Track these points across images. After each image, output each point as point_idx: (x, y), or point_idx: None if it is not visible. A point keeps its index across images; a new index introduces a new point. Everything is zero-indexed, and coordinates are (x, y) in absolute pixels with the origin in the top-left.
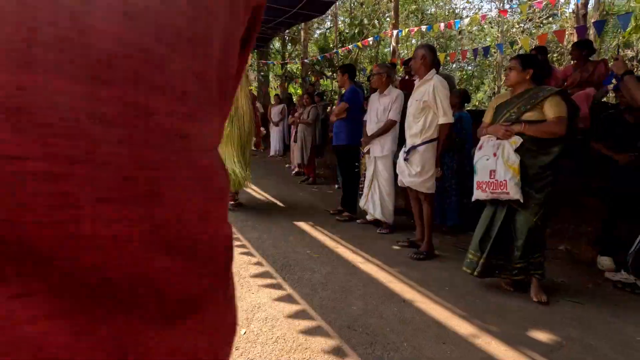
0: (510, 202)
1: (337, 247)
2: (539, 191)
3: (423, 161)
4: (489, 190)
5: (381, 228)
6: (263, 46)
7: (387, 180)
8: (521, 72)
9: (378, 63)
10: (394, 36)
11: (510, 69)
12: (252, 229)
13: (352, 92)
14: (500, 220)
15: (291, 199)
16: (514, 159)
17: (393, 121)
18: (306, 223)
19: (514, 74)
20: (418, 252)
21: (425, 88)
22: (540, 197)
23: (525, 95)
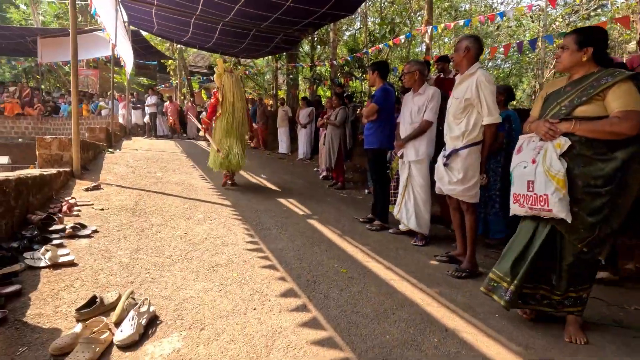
0: (555, 221)
1: (367, 261)
2: (592, 213)
3: (466, 167)
4: (527, 205)
5: (416, 239)
6: (291, 49)
7: (422, 187)
8: (576, 52)
9: (410, 60)
10: (428, 33)
11: (562, 48)
12: (276, 238)
13: (384, 91)
14: (541, 240)
15: (318, 205)
16: (558, 168)
17: (429, 122)
18: (334, 232)
19: (566, 55)
20: (459, 270)
21: (467, 84)
22: (592, 221)
23: (583, 82)
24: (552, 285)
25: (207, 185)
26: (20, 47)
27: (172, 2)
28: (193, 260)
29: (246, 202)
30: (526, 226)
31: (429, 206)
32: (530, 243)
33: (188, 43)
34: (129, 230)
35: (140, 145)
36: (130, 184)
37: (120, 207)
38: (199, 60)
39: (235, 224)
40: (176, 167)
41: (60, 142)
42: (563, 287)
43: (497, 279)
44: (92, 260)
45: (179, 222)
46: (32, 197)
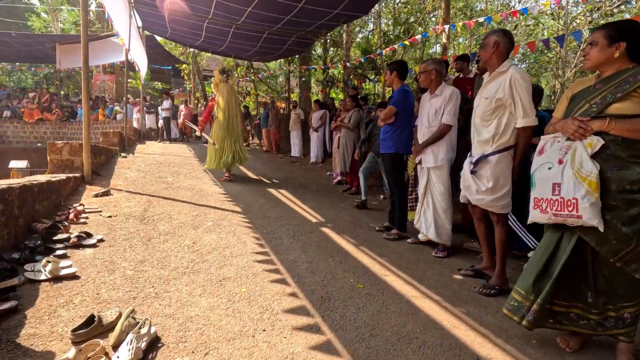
0: (582, 231)
1: (385, 275)
2: (628, 223)
3: (496, 174)
4: (551, 211)
5: (437, 250)
6: (304, 51)
7: (442, 195)
8: (607, 48)
9: (427, 59)
10: (445, 32)
11: (591, 44)
12: (288, 248)
13: (402, 93)
14: (567, 252)
15: (332, 211)
16: (590, 169)
17: (447, 126)
18: (349, 242)
19: (595, 52)
20: (488, 287)
21: (499, 83)
22: (627, 232)
23: (617, 78)
24: (588, 302)
25: (218, 191)
26: (40, 54)
27: (185, 6)
28: (200, 273)
29: (257, 208)
30: (549, 236)
31: (449, 215)
32: (554, 255)
33: (201, 47)
34: (135, 239)
35: (153, 149)
36: (141, 189)
37: (129, 214)
38: (212, 64)
39: (245, 233)
40: (187, 172)
41: (71, 147)
42: (600, 305)
43: (519, 297)
44: (95, 272)
45: (188, 230)
46: (38, 205)
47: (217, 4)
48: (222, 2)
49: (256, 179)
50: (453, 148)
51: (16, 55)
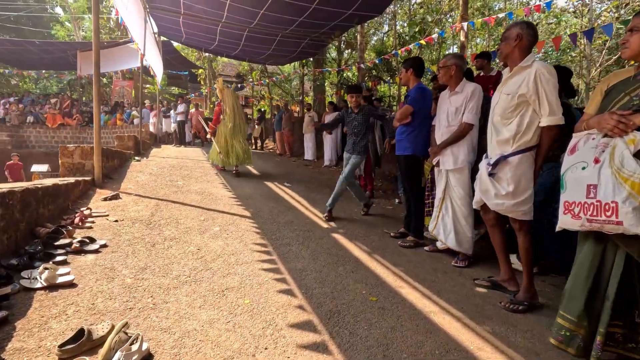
0: (622, 240)
1: (400, 287)
2: None
3: (517, 177)
4: (585, 216)
5: (457, 259)
6: (318, 53)
7: (462, 199)
8: None
9: (447, 54)
10: (464, 29)
11: (631, 30)
12: (296, 256)
13: (419, 91)
14: (620, 266)
15: (345, 216)
16: (634, 168)
17: (469, 125)
18: (361, 249)
19: (637, 39)
20: (516, 302)
21: (521, 78)
22: None
23: None
24: (635, 323)
25: (228, 195)
26: (62, 62)
27: (199, 10)
28: (202, 282)
29: (267, 213)
30: (591, 248)
31: (471, 221)
32: (600, 271)
33: (215, 51)
34: (139, 245)
35: (167, 153)
36: (150, 193)
37: (136, 219)
38: (227, 68)
39: (253, 239)
40: (199, 175)
41: (82, 151)
42: None
43: (570, 324)
44: (94, 280)
45: (194, 236)
46: (42, 209)
47: (229, 6)
48: (235, 5)
49: (268, 182)
50: (474, 149)
51: (40, 63)
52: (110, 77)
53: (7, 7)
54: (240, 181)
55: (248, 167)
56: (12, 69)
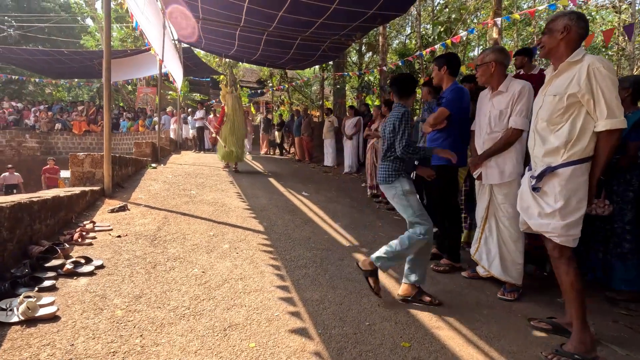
0: None
1: (438, 327)
2: None
3: (568, 193)
4: None
5: (504, 291)
6: (338, 56)
7: (511, 220)
8: None
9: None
10: (497, 25)
11: None
12: (313, 282)
13: (456, 91)
14: None
15: (367, 231)
16: None
17: (517, 130)
18: (388, 274)
19: None
20: (564, 353)
21: (571, 75)
22: None
23: None
24: None
25: (242, 206)
26: (89, 70)
27: (216, 14)
28: (202, 317)
29: (282, 227)
30: None
31: (521, 245)
32: None
33: (235, 57)
34: (139, 266)
35: (185, 159)
36: (160, 203)
37: (140, 234)
38: (248, 74)
39: (264, 259)
40: (213, 184)
41: (92, 159)
42: None
43: None
44: (80, 311)
45: (200, 255)
46: (38, 224)
47: (247, 9)
48: (253, 7)
49: (284, 191)
50: (523, 158)
51: (69, 71)
52: (135, 84)
53: (41, 19)
54: (255, 190)
55: (266, 175)
56: (45, 78)
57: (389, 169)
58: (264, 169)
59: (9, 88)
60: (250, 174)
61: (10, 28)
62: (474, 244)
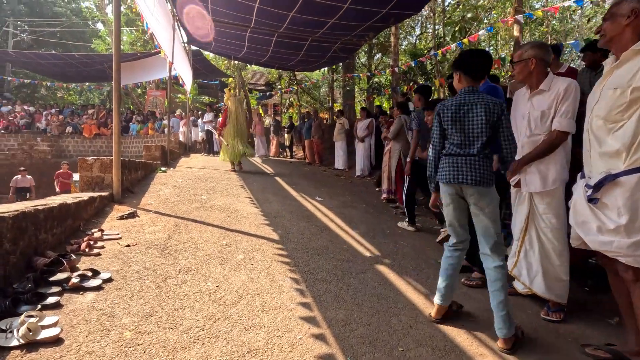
0: None
1: (481, 354)
2: None
3: (634, 205)
4: None
5: (548, 310)
6: (349, 57)
7: (555, 231)
8: None
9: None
10: (521, 21)
11: None
12: (335, 299)
13: (490, 90)
14: None
15: (388, 240)
16: None
17: (562, 133)
18: (416, 289)
19: None
20: None
21: (635, 65)
22: None
23: None
24: None
25: (255, 212)
26: (100, 74)
27: (226, 15)
28: (218, 340)
29: (297, 235)
30: None
31: (566, 260)
32: None
33: (244, 59)
34: (149, 279)
35: (195, 162)
36: (170, 210)
37: (150, 243)
38: (256, 77)
39: (282, 271)
40: (224, 188)
41: (101, 164)
42: None
43: None
44: (85, 333)
45: (213, 266)
46: (44, 234)
47: (258, 10)
48: (263, 8)
49: (297, 195)
50: (568, 164)
51: (80, 75)
52: (145, 87)
53: (53, 23)
54: (267, 194)
55: (278, 179)
56: (56, 82)
57: (487, 168)
58: (274, 172)
59: (22, 92)
60: (261, 178)
61: (23, 33)
62: (512, 258)
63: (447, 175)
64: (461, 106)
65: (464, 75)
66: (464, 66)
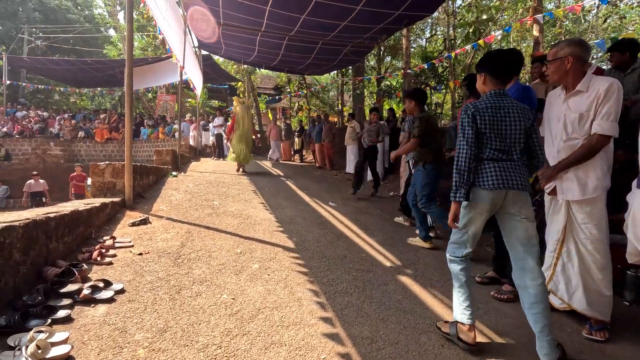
0: None
1: None
2: None
3: None
4: None
5: (590, 328)
6: (360, 60)
7: (596, 243)
8: None
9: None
10: (540, 21)
11: None
12: (358, 314)
13: (521, 91)
14: None
15: (406, 249)
16: None
17: (604, 137)
18: (443, 303)
19: None
20: None
21: None
22: None
23: None
24: None
25: (268, 218)
26: (112, 79)
27: (237, 19)
28: (236, 359)
29: (313, 243)
30: None
31: (608, 274)
32: None
33: (254, 63)
34: (162, 291)
35: (205, 167)
36: (183, 216)
37: (163, 251)
38: (265, 81)
39: (300, 282)
40: (236, 193)
41: (113, 169)
42: None
43: None
44: (97, 351)
45: (228, 277)
46: (55, 242)
47: (269, 13)
48: (275, 11)
49: (310, 200)
50: (610, 170)
51: (92, 80)
52: (155, 92)
53: (66, 29)
54: (280, 199)
55: (289, 183)
56: (69, 87)
57: (527, 175)
58: (285, 176)
59: (36, 97)
60: (273, 182)
61: (37, 40)
62: (547, 271)
63: (495, 180)
64: (498, 109)
65: (489, 76)
66: (490, 67)
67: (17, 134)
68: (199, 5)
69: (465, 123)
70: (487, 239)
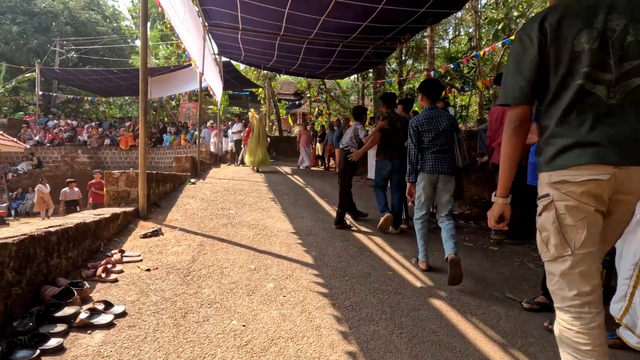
0: None
1: None
2: None
3: None
4: None
5: None
6: (381, 62)
7: None
8: None
9: None
10: None
11: None
12: (387, 348)
13: None
14: None
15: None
16: None
17: None
18: (486, 335)
19: None
20: None
21: None
22: None
23: None
24: None
25: (286, 229)
26: (137, 87)
27: (256, 24)
28: None
29: (334, 258)
30: None
31: None
32: None
33: (274, 68)
34: (166, 314)
35: (224, 173)
36: (197, 226)
37: (172, 267)
38: (285, 87)
39: (319, 306)
40: (253, 202)
41: (127, 177)
42: None
43: None
44: None
45: (239, 298)
46: (57, 258)
47: (288, 16)
48: (294, 13)
49: (330, 209)
50: None
51: (119, 90)
52: (178, 99)
53: (95, 41)
54: (299, 208)
55: (308, 190)
56: (97, 96)
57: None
58: (304, 182)
59: (68, 107)
60: (292, 189)
61: (69, 52)
62: (619, 302)
63: (431, 167)
64: (432, 118)
65: (425, 96)
66: (423, 91)
67: (48, 142)
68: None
69: (412, 132)
70: (527, 253)
